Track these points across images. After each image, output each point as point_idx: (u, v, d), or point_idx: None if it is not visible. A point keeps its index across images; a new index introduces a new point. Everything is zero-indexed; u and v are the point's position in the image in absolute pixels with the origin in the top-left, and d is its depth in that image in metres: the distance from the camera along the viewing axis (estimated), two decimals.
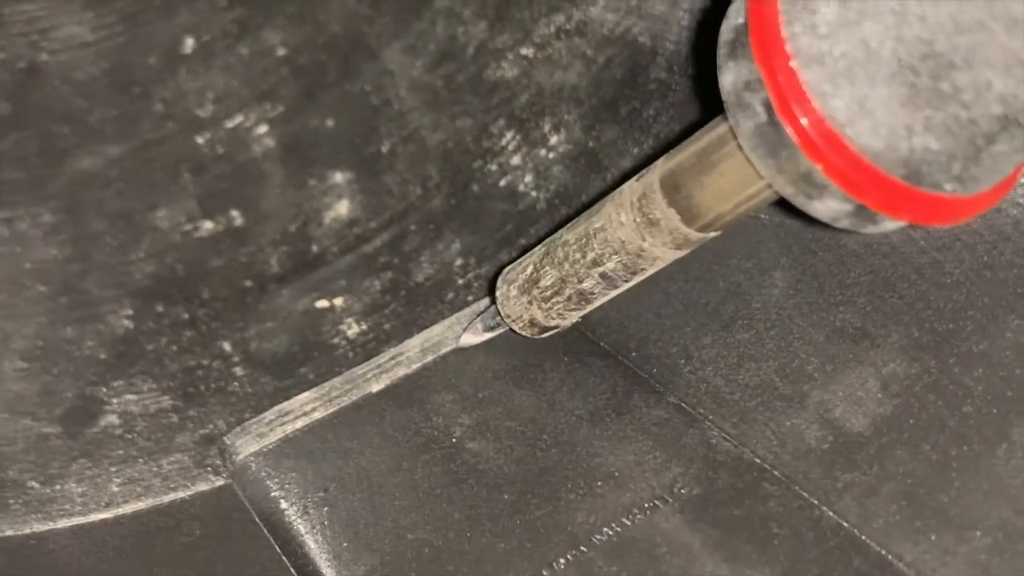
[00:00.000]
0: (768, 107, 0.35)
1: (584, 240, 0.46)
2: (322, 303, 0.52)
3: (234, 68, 0.44)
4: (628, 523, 0.47)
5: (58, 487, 0.51)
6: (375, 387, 0.55)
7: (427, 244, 0.54)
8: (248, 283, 0.50)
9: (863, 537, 0.45)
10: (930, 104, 0.32)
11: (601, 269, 0.46)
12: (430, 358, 0.56)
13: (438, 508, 0.48)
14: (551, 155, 0.56)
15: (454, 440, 0.52)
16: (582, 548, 0.46)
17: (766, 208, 0.51)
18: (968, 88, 0.32)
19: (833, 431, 0.48)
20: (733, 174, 0.39)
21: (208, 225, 0.47)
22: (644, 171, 0.44)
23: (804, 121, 0.34)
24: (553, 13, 0.51)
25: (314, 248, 0.50)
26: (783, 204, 0.38)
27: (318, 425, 0.53)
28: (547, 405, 0.53)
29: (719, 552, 0.45)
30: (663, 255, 0.44)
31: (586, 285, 0.47)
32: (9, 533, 0.50)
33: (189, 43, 0.43)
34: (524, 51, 0.51)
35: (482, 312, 0.55)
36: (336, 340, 0.54)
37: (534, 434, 0.52)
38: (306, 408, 0.54)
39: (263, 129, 0.46)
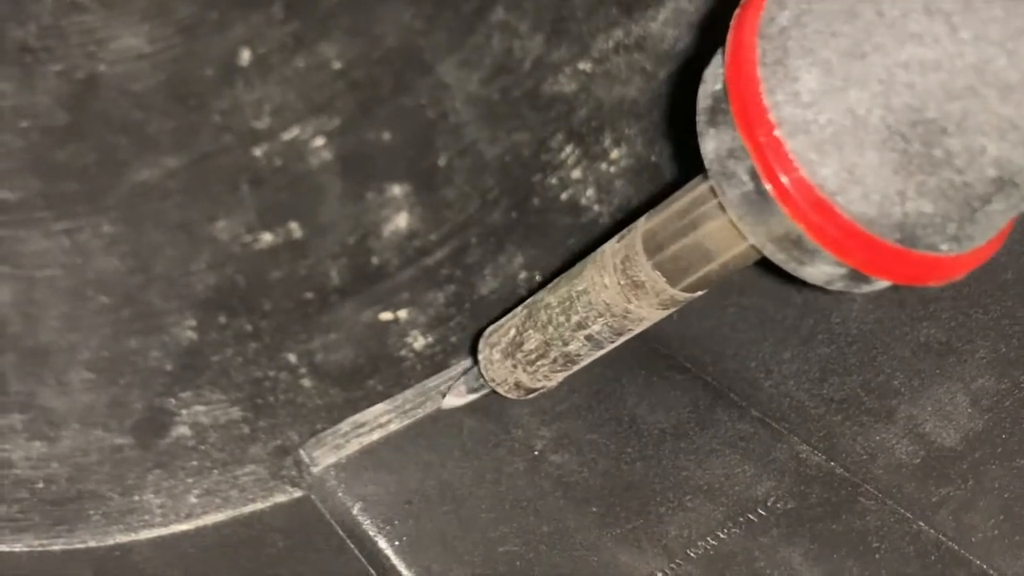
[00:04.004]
0: (754, 175, 0.33)
1: (567, 303, 0.44)
2: (386, 316, 0.50)
3: (290, 81, 0.42)
4: (724, 536, 0.45)
5: (136, 498, 0.49)
6: None
7: (489, 257, 0.52)
8: (309, 295, 0.48)
9: (963, 552, 0.43)
10: (923, 170, 0.31)
11: (587, 332, 0.44)
12: None
13: (526, 521, 0.46)
14: (612, 169, 0.53)
15: (536, 453, 0.50)
16: (678, 561, 0.44)
17: None
18: (961, 153, 0.30)
19: (924, 446, 0.46)
20: (718, 236, 0.37)
21: (267, 237, 0.45)
22: (624, 232, 0.42)
23: (793, 191, 0.32)
24: (612, 28, 0.49)
25: (374, 261, 0.49)
26: None
27: (395, 437, 0.51)
28: (628, 419, 0.51)
29: (820, 567, 0.43)
30: (649, 315, 0.42)
31: (572, 348, 0.45)
32: (92, 544, 0.49)
33: (245, 55, 0.41)
34: (582, 65, 0.49)
35: (465, 372, 0.52)
36: (403, 352, 0.52)
37: (617, 448, 0.50)
38: (381, 420, 0.52)
39: (320, 142, 0.44)
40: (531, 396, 0.49)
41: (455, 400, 0.52)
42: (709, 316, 0.55)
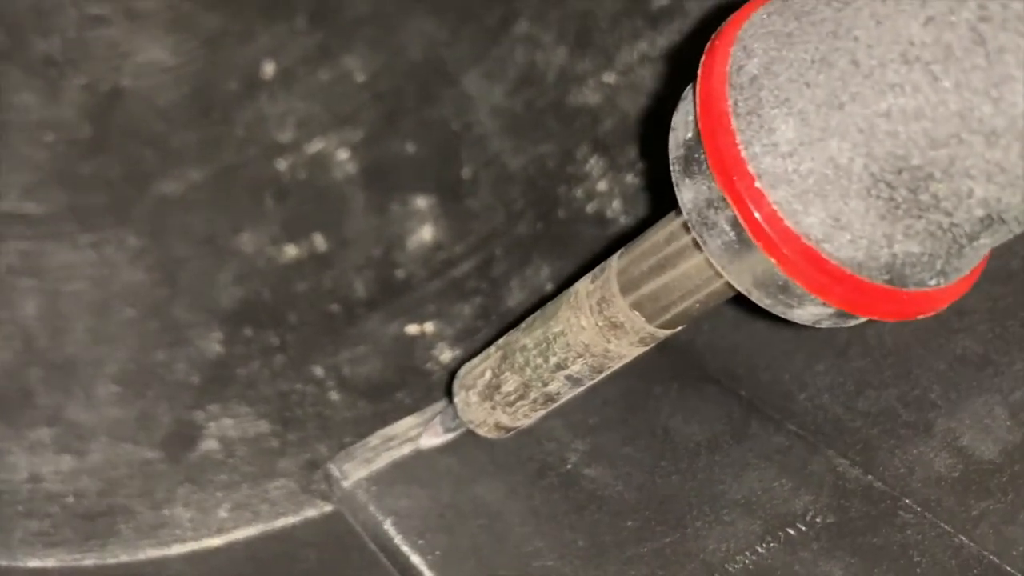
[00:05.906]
0: (736, 225, 0.32)
1: (544, 345, 0.43)
2: (412, 328, 0.50)
3: (314, 93, 0.42)
4: (763, 551, 0.43)
5: (166, 512, 0.48)
6: None
7: (515, 269, 0.51)
8: (335, 308, 0.47)
9: (1006, 566, 0.41)
10: (910, 214, 0.30)
11: (566, 372, 0.42)
12: None
13: (561, 535, 0.45)
14: (639, 181, 0.52)
15: (569, 467, 0.48)
16: None
17: None
18: (949, 197, 0.29)
19: (963, 459, 0.45)
20: (695, 273, 0.36)
21: (292, 250, 0.45)
22: (597, 270, 0.41)
23: (779, 241, 0.31)
24: (636, 40, 0.48)
25: (399, 273, 0.48)
26: None
27: (425, 451, 0.50)
28: (662, 431, 0.50)
29: None
30: (629, 352, 0.41)
31: (552, 388, 0.43)
32: (124, 559, 0.48)
33: (269, 68, 0.41)
34: (606, 77, 0.49)
35: (441, 412, 0.51)
36: (430, 365, 0.51)
37: (652, 461, 0.48)
38: (411, 434, 0.50)
39: (344, 154, 0.44)
40: (511, 434, 0.48)
41: (432, 440, 0.50)
42: (741, 329, 0.53)
